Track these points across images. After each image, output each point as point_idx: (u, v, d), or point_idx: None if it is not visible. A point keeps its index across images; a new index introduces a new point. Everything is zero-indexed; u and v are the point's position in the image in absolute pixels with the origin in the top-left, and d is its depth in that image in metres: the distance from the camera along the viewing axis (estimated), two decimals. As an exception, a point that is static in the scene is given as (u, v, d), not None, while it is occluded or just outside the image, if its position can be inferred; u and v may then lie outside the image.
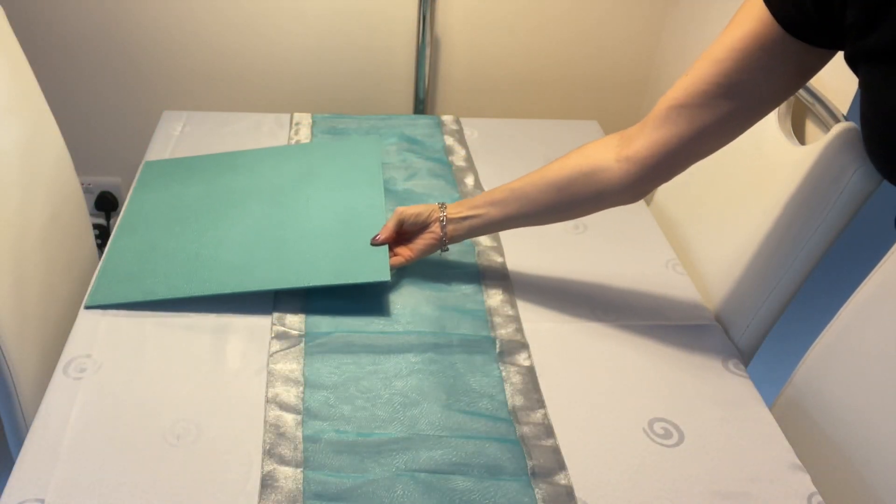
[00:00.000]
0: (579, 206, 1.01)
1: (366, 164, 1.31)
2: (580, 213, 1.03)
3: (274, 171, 1.30)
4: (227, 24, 1.69)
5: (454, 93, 1.83)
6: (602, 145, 0.98)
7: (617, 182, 0.95)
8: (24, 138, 1.16)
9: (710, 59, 0.85)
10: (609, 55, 1.81)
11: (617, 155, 0.95)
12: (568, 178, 0.99)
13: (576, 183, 0.98)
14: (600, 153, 0.97)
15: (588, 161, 0.97)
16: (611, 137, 0.98)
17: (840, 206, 0.98)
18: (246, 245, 1.12)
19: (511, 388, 0.96)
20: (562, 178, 0.99)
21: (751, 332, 1.08)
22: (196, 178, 1.29)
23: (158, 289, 1.05)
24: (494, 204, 1.05)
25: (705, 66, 0.86)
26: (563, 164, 1.00)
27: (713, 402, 0.97)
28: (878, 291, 0.91)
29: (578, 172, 0.98)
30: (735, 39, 0.83)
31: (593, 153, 0.98)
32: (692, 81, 0.87)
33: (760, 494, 0.85)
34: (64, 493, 0.80)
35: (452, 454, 0.87)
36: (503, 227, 1.07)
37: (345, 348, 1.00)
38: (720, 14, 1.53)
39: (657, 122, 0.91)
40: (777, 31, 0.80)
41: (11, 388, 1.01)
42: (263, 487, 0.81)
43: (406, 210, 1.10)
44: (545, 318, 1.08)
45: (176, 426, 0.88)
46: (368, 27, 1.72)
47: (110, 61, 1.73)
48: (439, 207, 1.09)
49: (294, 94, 1.80)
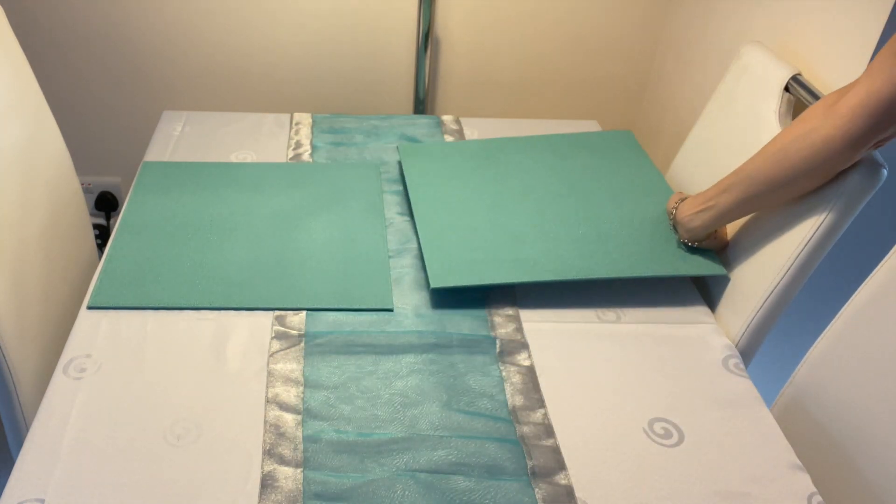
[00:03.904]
0: (801, 174, 0.97)
1: (366, 190, 1.31)
2: (805, 182, 0.99)
3: (275, 190, 1.29)
4: (227, 24, 1.69)
5: (454, 93, 1.83)
6: (818, 104, 0.95)
7: (825, 141, 0.92)
8: (24, 138, 1.16)
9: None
10: (609, 55, 1.81)
11: (825, 111, 0.92)
12: (782, 147, 0.97)
13: (790, 150, 0.96)
14: (812, 113, 0.95)
15: (800, 124, 0.96)
16: (830, 95, 0.96)
17: (840, 206, 0.98)
18: (248, 262, 1.12)
19: (511, 388, 0.96)
20: (777, 149, 0.98)
21: (751, 332, 1.08)
22: (196, 185, 1.29)
23: (161, 296, 1.05)
24: (725, 191, 1.05)
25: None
26: (781, 133, 0.99)
27: (713, 402, 0.97)
28: (879, 292, 0.91)
29: (791, 138, 0.96)
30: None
31: (806, 115, 0.96)
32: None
33: (760, 494, 0.85)
34: (64, 493, 0.80)
35: (452, 454, 0.87)
36: (737, 215, 1.06)
37: (345, 348, 1.00)
38: (720, 14, 1.53)
39: (871, 69, 0.88)
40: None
41: (11, 388, 1.01)
42: (263, 487, 0.81)
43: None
44: (545, 318, 1.08)
45: (176, 426, 0.88)
46: (368, 27, 1.72)
47: (110, 61, 1.73)
48: (671, 210, 1.16)
49: (294, 94, 1.80)
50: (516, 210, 1.22)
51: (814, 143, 0.93)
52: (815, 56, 1.21)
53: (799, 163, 0.96)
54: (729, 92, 1.28)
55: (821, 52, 1.19)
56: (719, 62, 1.52)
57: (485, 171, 1.32)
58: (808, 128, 0.94)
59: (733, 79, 1.28)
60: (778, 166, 0.98)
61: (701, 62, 1.59)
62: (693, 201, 1.12)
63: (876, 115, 0.88)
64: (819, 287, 1.33)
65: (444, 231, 1.17)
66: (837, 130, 0.91)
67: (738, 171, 1.04)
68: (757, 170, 1.01)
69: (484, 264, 1.11)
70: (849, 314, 0.95)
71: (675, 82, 1.71)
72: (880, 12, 1.08)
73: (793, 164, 0.96)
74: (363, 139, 1.49)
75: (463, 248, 1.14)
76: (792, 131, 0.97)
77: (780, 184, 0.99)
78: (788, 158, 0.97)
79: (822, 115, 0.93)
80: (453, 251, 1.13)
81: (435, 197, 1.25)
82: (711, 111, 1.32)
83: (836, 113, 0.91)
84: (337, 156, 1.43)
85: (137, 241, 1.16)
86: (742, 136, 1.20)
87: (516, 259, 1.11)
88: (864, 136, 0.90)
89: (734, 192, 1.04)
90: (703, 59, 1.59)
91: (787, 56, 1.28)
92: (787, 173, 0.98)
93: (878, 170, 0.96)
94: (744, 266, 1.11)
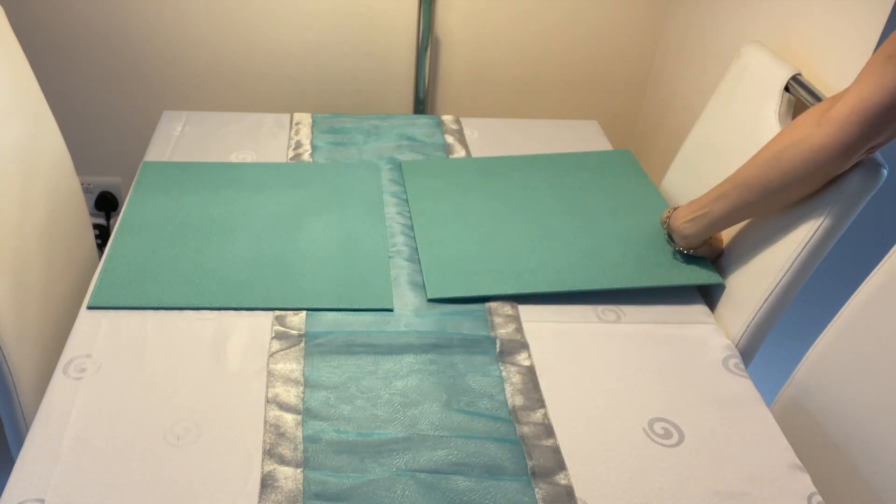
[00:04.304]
0: (795, 180, 0.97)
1: (366, 190, 1.31)
2: (798, 189, 0.99)
3: (275, 190, 1.30)
4: (227, 24, 1.69)
5: (454, 93, 1.83)
6: (810, 111, 0.96)
7: (818, 148, 0.92)
8: (24, 138, 1.16)
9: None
10: (609, 55, 1.81)
11: (818, 118, 0.93)
12: (775, 154, 0.98)
13: (783, 157, 0.97)
14: (805, 120, 0.95)
15: (793, 131, 0.96)
16: (823, 102, 0.96)
17: (840, 206, 0.98)
18: (248, 262, 1.12)
19: (511, 388, 0.96)
20: (770, 156, 0.98)
21: (750, 333, 1.08)
22: (197, 185, 1.29)
23: (161, 296, 1.05)
24: (719, 198, 1.06)
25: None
26: (774, 139, 0.99)
27: (713, 402, 0.97)
28: (879, 292, 0.91)
29: (784, 145, 0.97)
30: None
31: (799, 122, 0.96)
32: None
33: (760, 494, 0.85)
34: (64, 493, 0.80)
35: (452, 454, 0.87)
36: (732, 221, 1.07)
37: (345, 348, 1.00)
38: (720, 14, 1.53)
39: (862, 76, 0.89)
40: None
41: (11, 388, 1.01)
42: (263, 487, 0.81)
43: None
44: (545, 318, 1.08)
45: (176, 426, 0.88)
46: (368, 27, 1.72)
47: (110, 61, 1.73)
48: (664, 217, 1.16)
49: (294, 94, 1.80)
50: (514, 224, 1.24)
51: (806, 150, 0.94)
52: (815, 56, 1.21)
53: (791, 170, 0.96)
54: (729, 92, 1.28)
55: (821, 52, 1.20)
56: (719, 62, 1.52)
57: (485, 187, 1.34)
58: (800, 135, 0.95)
59: (733, 79, 1.28)
60: (771, 173, 0.99)
61: (701, 62, 1.60)
62: (687, 209, 1.12)
63: (867, 122, 0.88)
64: (819, 287, 1.33)
65: (443, 242, 1.19)
66: (829, 138, 0.91)
67: (731, 178, 1.05)
68: (751, 176, 1.01)
69: (481, 275, 1.12)
70: (849, 314, 0.95)
71: (675, 82, 1.71)
72: (880, 12, 1.08)
73: (785, 171, 0.97)
74: (363, 139, 1.49)
75: (461, 260, 1.15)
76: (785, 138, 0.97)
77: (773, 190, 1.00)
78: (781, 165, 0.97)
79: (814, 122, 0.94)
80: (451, 262, 1.15)
81: (435, 210, 1.27)
82: (711, 111, 1.32)
83: (829, 120, 0.91)
84: (337, 156, 1.43)
85: (137, 241, 1.16)
86: (742, 136, 1.20)
87: (513, 271, 1.13)
88: (856, 144, 0.91)
89: (728, 199, 1.05)
90: (703, 59, 1.59)
91: (787, 56, 1.28)
92: (781, 180, 0.98)
93: (878, 170, 0.96)
94: (744, 266, 1.11)
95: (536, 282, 1.10)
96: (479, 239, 1.20)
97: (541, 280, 1.11)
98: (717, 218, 1.07)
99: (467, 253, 1.17)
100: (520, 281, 1.11)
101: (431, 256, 1.16)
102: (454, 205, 1.29)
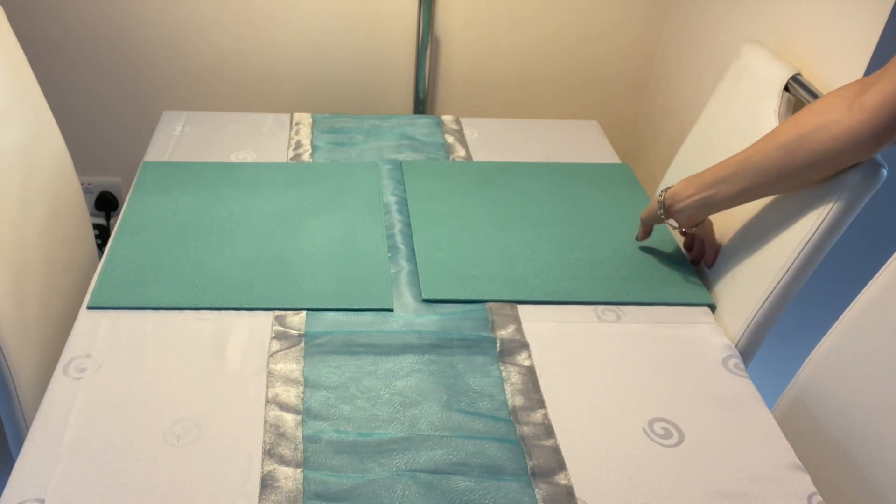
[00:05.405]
0: (816, 164, 0.94)
1: (366, 190, 1.31)
2: (814, 174, 0.96)
3: (275, 190, 1.30)
4: (227, 24, 1.69)
5: (454, 93, 1.83)
6: (837, 95, 0.91)
7: (848, 135, 0.89)
8: (24, 138, 1.16)
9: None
10: (609, 55, 1.81)
11: (850, 104, 0.89)
12: (798, 137, 0.94)
13: (806, 140, 0.93)
14: (833, 104, 0.91)
15: (819, 115, 0.92)
16: (850, 85, 0.92)
17: (840, 206, 0.98)
18: (248, 262, 1.12)
19: (511, 388, 0.96)
20: (791, 139, 0.95)
21: (751, 332, 1.08)
22: (197, 185, 1.29)
23: (161, 296, 1.05)
24: (727, 180, 1.03)
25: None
26: (793, 122, 0.95)
27: (713, 402, 0.97)
28: (883, 294, 0.91)
29: (809, 128, 0.93)
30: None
31: (825, 105, 0.92)
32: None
33: (760, 494, 0.85)
34: (64, 493, 0.80)
35: (452, 454, 0.87)
36: (737, 203, 1.05)
37: (345, 348, 1.00)
38: (720, 14, 1.53)
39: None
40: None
41: (11, 388, 1.01)
42: (263, 487, 0.81)
43: (645, 214, 1.17)
44: (545, 318, 1.08)
45: (176, 426, 0.88)
46: (368, 27, 1.72)
47: (110, 61, 1.73)
48: (658, 197, 1.12)
49: (294, 94, 1.80)
50: (512, 230, 1.24)
51: (836, 135, 0.90)
52: (815, 56, 1.21)
53: (814, 154, 0.93)
54: (729, 92, 1.28)
55: (821, 52, 1.20)
56: (719, 62, 1.52)
57: (485, 191, 1.34)
58: (828, 119, 0.91)
59: (733, 78, 1.28)
60: (791, 156, 0.95)
61: (701, 62, 1.60)
62: (686, 189, 1.08)
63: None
64: (819, 288, 1.33)
65: (440, 245, 1.19)
66: (862, 125, 0.88)
67: (741, 160, 1.01)
68: (766, 158, 0.98)
69: (476, 280, 1.12)
70: (853, 316, 0.95)
71: (675, 82, 1.71)
72: (880, 12, 1.08)
73: (807, 155, 0.94)
74: (363, 139, 1.49)
75: (457, 263, 1.15)
76: (808, 121, 0.93)
77: (789, 174, 0.97)
78: (803, 148, 0.94)
79: (844, 107, 0.90)
80: (448, 264, 1.15)
81: (434, 211, 1.27)
82: (711, 111, 1.32)
83: (862, 106, 0.88)
84: (337, 156, 1.43)
85: (137, 241, 1.16)
86: (741, 136, 1.20)
87: (508, 277, 1.13)
88: (888, 133, 0.88)
89: (738, 182, 1.02)
90: (703, 59, 1.59)
91: (787, 56, 1.28)
92: (801, 164, 0.95)
93: (878, 170, 0.96)
94: (744, 266, 1.11)
95: (531, 290, 1.11)
96: (477, 243, 1.20)
97: (536, 289, 1.11)
98: (723, 199, 1.04)
99: (464, 256, 1.17)
100: (515, 288, 1.11)
101: (428, 257, 1.16)
102: (453, 207, 1.29)
